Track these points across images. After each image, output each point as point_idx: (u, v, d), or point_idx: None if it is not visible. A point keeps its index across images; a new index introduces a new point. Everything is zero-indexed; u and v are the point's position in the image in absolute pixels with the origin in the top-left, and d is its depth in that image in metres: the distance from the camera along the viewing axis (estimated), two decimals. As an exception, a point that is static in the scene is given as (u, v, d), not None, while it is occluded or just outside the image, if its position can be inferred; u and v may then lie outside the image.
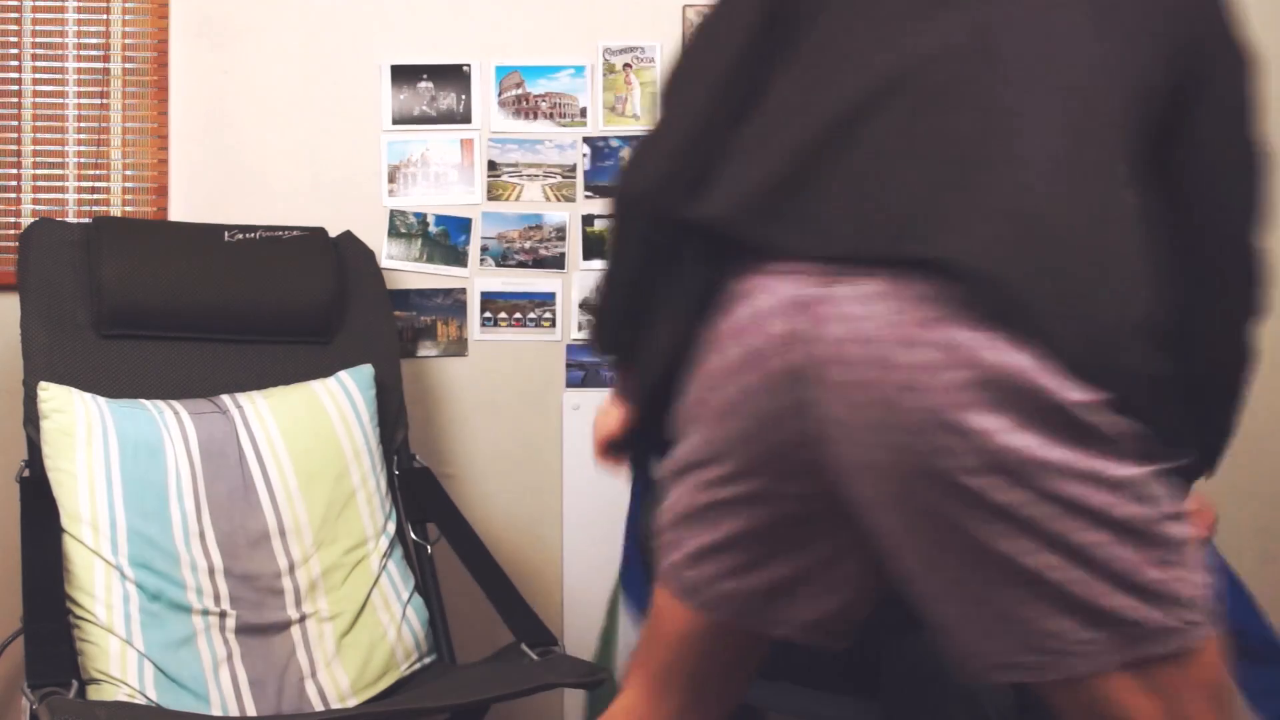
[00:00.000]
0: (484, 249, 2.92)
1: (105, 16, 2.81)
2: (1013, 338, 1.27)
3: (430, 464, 2.72)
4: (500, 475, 2.94)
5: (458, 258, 2.91)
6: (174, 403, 2.50)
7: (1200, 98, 1.44)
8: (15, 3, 2.79)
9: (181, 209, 2.86)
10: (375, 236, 2.88)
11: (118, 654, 2.24)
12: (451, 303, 2.92)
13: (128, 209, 2.83)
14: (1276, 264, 1.54)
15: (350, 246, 2.78)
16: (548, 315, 2.93)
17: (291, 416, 2.52)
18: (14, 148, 2.80)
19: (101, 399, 2.43)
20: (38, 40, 2.80)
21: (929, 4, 1.44)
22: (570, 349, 2.93)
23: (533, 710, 2.73)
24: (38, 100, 2.81)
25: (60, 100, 2.81)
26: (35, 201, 2.81)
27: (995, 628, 1.32)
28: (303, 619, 2.41)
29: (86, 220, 2.74)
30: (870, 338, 1.31)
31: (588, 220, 2.93)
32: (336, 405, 2.55)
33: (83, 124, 2.82)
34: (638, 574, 2.15)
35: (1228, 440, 1.54)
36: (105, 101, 2.82)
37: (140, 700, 2.21)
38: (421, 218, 2.91)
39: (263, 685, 2.33)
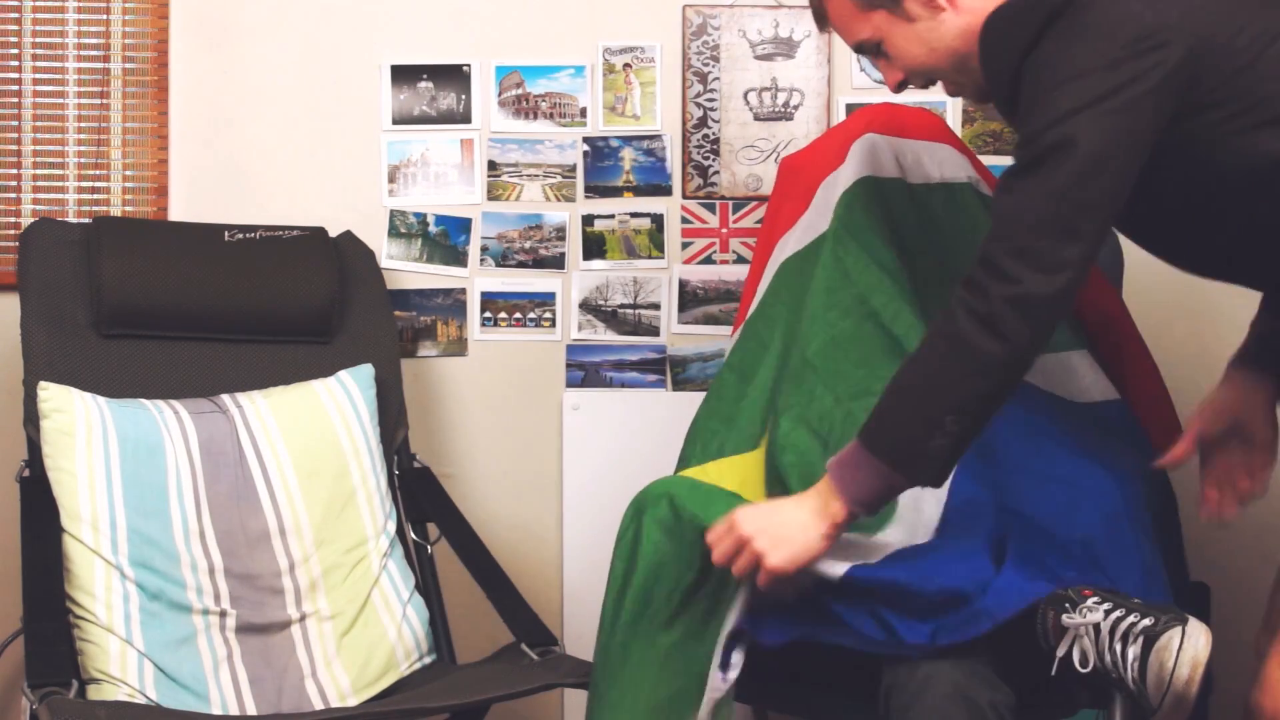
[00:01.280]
0: (484, 249, 2.92)
1: (105, 16, 2.81)
2: None
3: (430, 464, 2.72)
4: (500, 475, 2.94)
5: (458, 258, 2.92)
6: (174, 402, 2.50)
7: None
8: (15, 3, 2.79)
9: (181, 209, 2.86)
10: (375, 236, 2.88)
11: (118, 653, 2.24)
12: (451, 303, 2.92)
13: (128, 209, 2.83)
14: None
15: (350, 246, 2.78)
16: (548, 315, 2.93)
17: (291, 416, 2.52)
18: (14, 148, 2.80)
19: (101, 399, 2.43)
20: (38, 40, 2.80)
21: None
22: (570, 349, 2.93)
23: (533, 710, 2.73)
24: (38, 100, 2.81)
25: (60, 100, 2.81)
26: (35, 201, 2.81)
27: None
28: (303, 618, 2.41)
29: (86, 220, 2.74)
30: None
31: (587, 220, 2.93)
32: (336, 405, 2.56)
33: (83, 124, 2.82)
34: None
35: None
36: (105, 101, 2.82)
37: (140, 700, 2.21)
38: (421, 218, 2.91)
39: (263, 684, 2.33)
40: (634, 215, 2.93)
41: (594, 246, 2.93)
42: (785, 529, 1.80)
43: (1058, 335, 2.18)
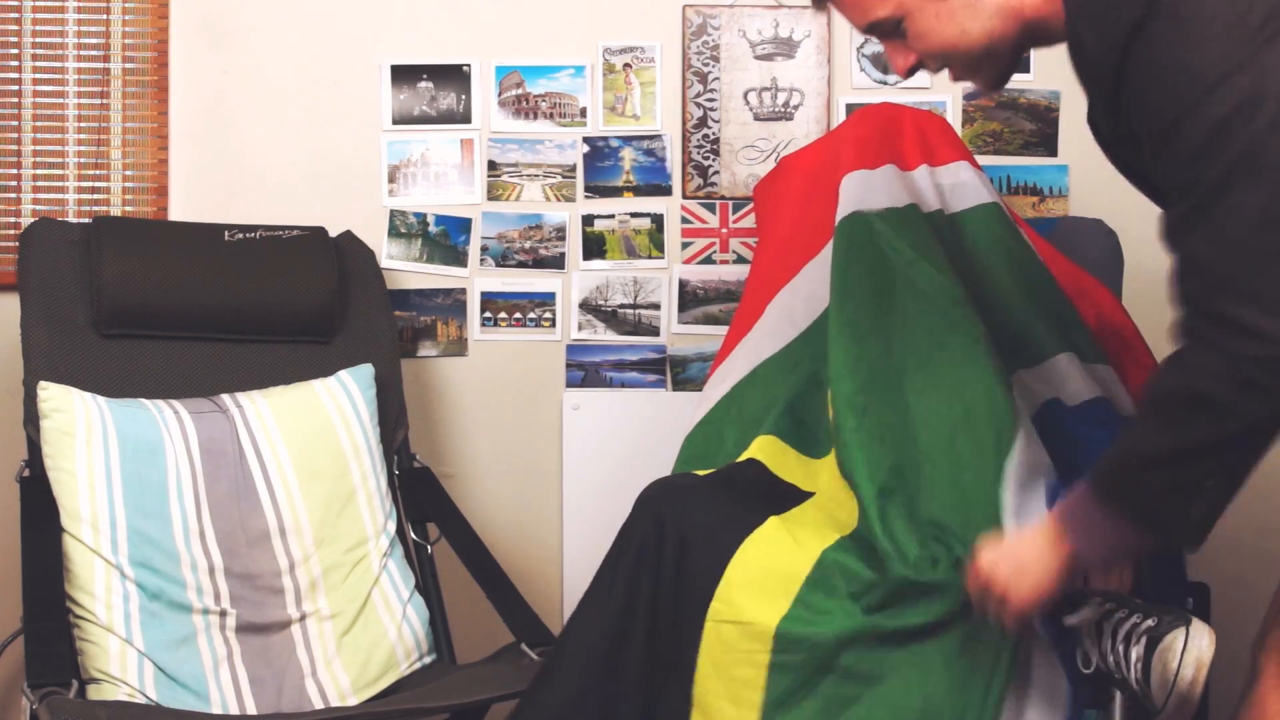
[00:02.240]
0: (484, 249, 2.92)
1: (105, 16, 2.81)
2: None
3: (430, 464, 2.72)
4: (500, 475, 2.93)
5: (458, 258, 2.92)
6: (174, 402, 2.50)
7: None
8: (15, 3, 2.79)
9: (181, 209, 2.86)
10: (375, 236, 2.88)
11: (118, 653, 2.24)
12: (451, 303, 2.92)
13: (128, 209, 2.83)
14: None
15: (350, 246, 2.78)
16: (548, 315, 2.93)
17: (291, 416, 2.52)
18: (14, 148, 2.80)
19: (101, 399, 2.43)
20: (38, 40, 2.80)
21: None
22: (570, 349, 2.93)
23: (533, 710, 2.72)
24: (38, 100, 2.81)
25: (60, 100, 2.81)
26: (35, 201, 2.81)
27: None
28: (303, 618, 2.41)
29: (86, 220, 2.74)
30: None
31: (587, 220, 2.93)
32: (336, 404, 2.55)
33: (83, 124, 2.82)
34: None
35: None
36: (105, 101, 2.82)
37: (140, 699, 2.21)
38: (421, 218, 2.91)
39: (263, 684, 2.33)
40: (634, 215, 2.93)
41: (594, 246, 2.93)
42: (1022, 559, 1.71)
43: (1048, 340, 2.18)
